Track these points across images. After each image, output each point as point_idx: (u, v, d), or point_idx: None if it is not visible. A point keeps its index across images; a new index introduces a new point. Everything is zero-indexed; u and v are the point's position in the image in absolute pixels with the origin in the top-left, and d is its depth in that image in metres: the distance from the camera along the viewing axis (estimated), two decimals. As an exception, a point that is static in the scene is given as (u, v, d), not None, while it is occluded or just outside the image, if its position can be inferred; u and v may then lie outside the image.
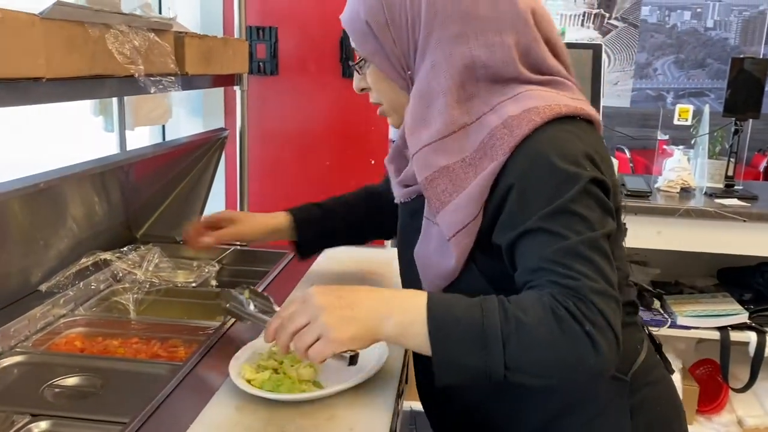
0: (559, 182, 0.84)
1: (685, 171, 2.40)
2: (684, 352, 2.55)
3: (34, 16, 0.84)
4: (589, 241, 0.82)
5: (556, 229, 0.83)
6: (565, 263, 0.82)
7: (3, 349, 1.19)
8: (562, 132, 0.87)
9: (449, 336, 0.82)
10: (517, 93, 0.90)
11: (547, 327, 0.79)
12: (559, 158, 0.84)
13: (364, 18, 0.95)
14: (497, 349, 0.79)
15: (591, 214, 0.84)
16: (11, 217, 1.22)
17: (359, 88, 1.07)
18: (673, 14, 3.88)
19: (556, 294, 0.81)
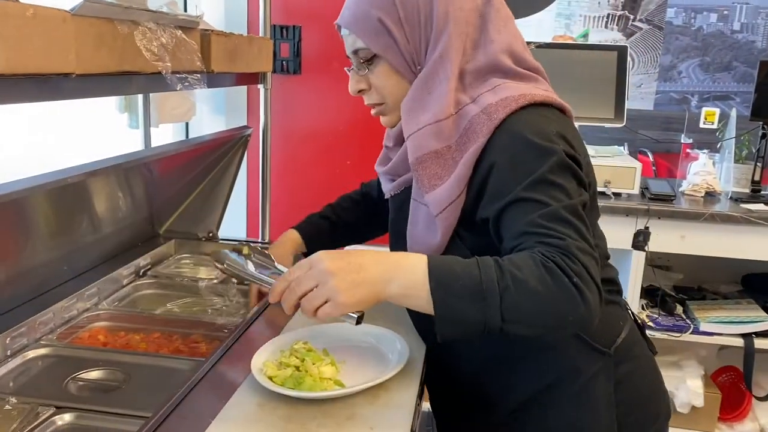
0: (536, 156, 0.93)
1: (711, 175, 2.37)
2: (706, 358, 2.52)
3: (65, 13, 0.85)
4: (569, 207, 0.91)
5: (538, 197, 0.91)
6: (549, 226, 0.90)
7: (28, 341, 1.20)
8: (535, 115, 0.97)
9: (449, 291, 0.88)
10: (496, 86, 1.00)
11: (539, 279, 0.86)
12: (535, 135, 0.94)
13: (376, 15, 1.00)
14: (494, 301, 0.85)
15: (568, 184, 0.93)
16: (38, 211, 1.24)
17: (356, 90, 1.10)
18: (699, 16, 3.83)
19: (544, 251, 0.88)
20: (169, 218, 1.80)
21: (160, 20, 1.07)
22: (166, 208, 1.76)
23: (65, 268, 1.40)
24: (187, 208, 1.80)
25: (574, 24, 3.72)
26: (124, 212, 1.56)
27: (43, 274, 1.33)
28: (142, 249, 1.66)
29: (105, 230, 1.51)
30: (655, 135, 3.39)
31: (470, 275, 0.88)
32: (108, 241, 1.55)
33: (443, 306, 0.88)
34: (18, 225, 1.20)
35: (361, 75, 1.08)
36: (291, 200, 2.32)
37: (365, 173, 2.41)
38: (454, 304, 0.87)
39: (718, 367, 2.56)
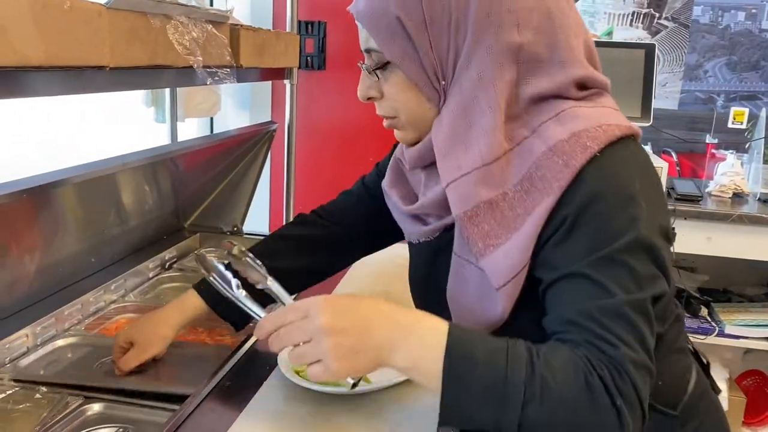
0: (615, 227, 0.74)
1: (738, 176, 2.33)
2: (731, 361, 2.49)
3: (100, 6, 0.85)
4: (636, 303, 0.73)
5: (601, 281, 0.73)
6: (605, 324, 0.72)
7: (57, 331, 1.21)
8: (618, 162, 0.76)
9: (463, 382, 0.71)
10: (560, 111, 0.78)
11: (575, 393, 0.70)
12: (617, 196, 0.75)
13: (395, 12, 0.79)
14: (515, 408, 0.70)
15: (644, 269, 0.74)
16: (66, 204, 1.25)
17: (366, 96, 0.89)
18: (726, 15, 3.78)
19: (592, 358, 0.72)
20: (195, 212, 1.81)
21: (192, 14, 1.07)
22: (191, 202, 1.78)
23: (92, 260, 1.41)
24: (212, 202, 1.81)
25: (599, 22, 3.69)
26: (150, 206, 1.57)
27: (71, 265, 1.34)
28: (168, 242, 1.67)
29: (131, 223, 1.52)
30: (680, 135, 3.35)
31: (493, 367, 0.71)
32: (134, 234, 1.56)
33: (452, 398, 0.71)
34: (46, 217, 1.21)
35: (372, 79, 0.87)
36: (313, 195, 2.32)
37: (388, 170, 2.41)
38: (465, 398, 0.71)
39: (743, 370, 2.52)
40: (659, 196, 0.81)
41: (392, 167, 1.00)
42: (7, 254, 1.13)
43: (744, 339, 2.27)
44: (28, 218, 1.15)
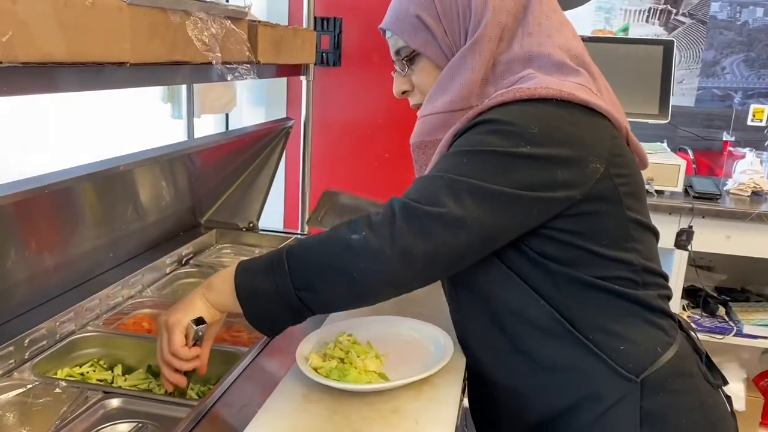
0: (480, 139, 0.88)
1: (758, 174, 2.30)
2: (749, 361, 2.46)
3: (121, 2, 0.85)
4: (450, 180, 0.86)
5: (439, 164, 0.90)
6: (415, 185, 0.90)
7: (76, 326, 1.22)
8: (529, 108, 0.89)
9: (248, 270, 0.91)
10: (522, 77, 0.95)
11: (321, 237, 0.86)
12: (494, 128, 0.88)
13: (414, 13, 1.01)
14: (282, 269, 0.86)
15: (474, 165, 0.87)
16: (84, 199, 1.26)
17: (401, 91, 1.09)
18: (744, 11, 3.74)
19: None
20: (211, 208, 1.81)
21: (211, 10, 1.07)
22: (207, 198, 1.78)
23: (111, 255, 1.42)
24: (228, 199, 1.82)
25: (614, 18, 3.66)
26: (167, 202, 1.58)
27: (90, 261, 1.35)
28: (184, 238, 1.68)
29: (148, 219, 1.53)
30: (697, 132, 3.32)
31: (270, 254, 0.88)
32: (151, 230, 1.57)
33: (240, 287, 0.90)
34: (65, 213, 1.22)
35: (404, 76, 1.07)
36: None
37: (403, 166, 2.41)
38: (249, 281, 0.89)
39: (760, 370, 2.50)
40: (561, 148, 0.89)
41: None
42: (27, 249, 1.14)
43: (762, 339, 2.24)
44: (47, 214, 1.16)
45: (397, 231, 0.84)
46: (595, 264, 0.93)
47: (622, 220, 0.94)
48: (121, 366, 1.19)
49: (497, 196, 0.86)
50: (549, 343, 0.94)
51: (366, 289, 0.87)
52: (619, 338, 0.94)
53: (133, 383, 1.14)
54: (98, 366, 1.18)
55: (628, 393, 0.92)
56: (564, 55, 0.97)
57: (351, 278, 0.85)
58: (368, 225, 0.86)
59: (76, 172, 1.17)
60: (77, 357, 1.19)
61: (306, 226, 1.89)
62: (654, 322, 0.97)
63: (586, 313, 0.93)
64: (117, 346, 1.21)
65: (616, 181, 0.92)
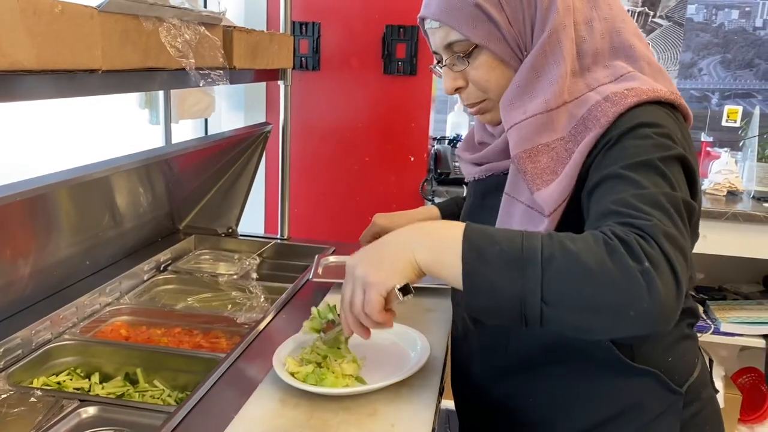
0: (651, 144, 0.80)
1: (733, 174, 2.34)
2: (726, 359, 2.49)
3: (92, 9, 0.85)
4: (671, 197, 0.76)
5: (637, 178, 0.77)
6: (639, 207, 0.74)
7: (52, 335, 1.21)
8: (662, 112, 0.85)
9: (483, 255, 0.74)
10: (620, 75, 0.89)
11: (595, 257, 0.70)
12: (658, 131, 0.82)
13: (473, 0, 0.89)
14: (535, 272, 0.71)
15: (676, 176, 0.79)
16: (60, 207, 1.25)
17: (453, 88, 0.98)
18: (720, 13, 3.78)
19: (616, 228, 0.72)
20: (189, 214, 1.81)
21: (184, 16, 1.07)
22: (186, 204, 1.77)
23: (87, 263, 1.41)
24: (207, 204, 1.81)
25: (594, 21, 3.70)
26: (144, 208, 1.57)
27: (66, 268, 1.34)
28: (163, 244, 1.67)
29: (126, 226, 1.52)
30: (675, 133, 3.36)
31: (511, 242, 0.74)
32: (129, 237, 1.56)
33: (472, 272, 0.74)
34: (41, 220, 1.21)
35: (457, 71, 0.95)
36: (308, 196, 2.33)
37: (384, 170, 2.42)
38: (485, 271, 0.73)
39: (738, 368, 2.53)
40: (693, 147, 0.86)
41: (468, 137, 1.11)
42: (1, 257, 1.13)
43: (739, 336, 2.27)
44: (22, 221, 1.15)
45: (676, 266, 0.70)
46: None
47: (694, 235, 0.90)
48: (99, 374, 1.18)
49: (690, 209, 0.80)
50: (599, 360, 0.91)
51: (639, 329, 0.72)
52: (668, 351, 0.93)
53: (110, 391, 1.14)
54: (75, 374, 1.17)
55: (672, 404, 0.92)
56: (643, 47, 0.92)
57: (626, 317, 0.70)
58: (645, 255, 0.70)
59: (52, 178, 1.16)
60: (53, 366, 1.18)
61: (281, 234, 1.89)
62: (691, 334, 0.98)
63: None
64: (94, 354, 1.20)
65: (699, 195, 0.89)
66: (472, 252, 0.75)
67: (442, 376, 1.11)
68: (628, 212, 0.75)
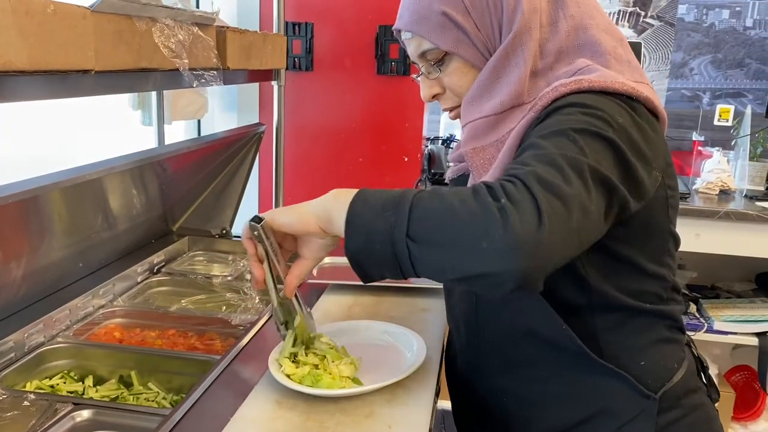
0: (572, 120, 0.78)
1: (725, 173, 2.35)
2: (720, 357, 2.50)
3: (85, 9, 0.85)
4: (571, 159, 0.73)
5: (544, 144, 0.76)
6: (528, 162, 0.74)
7: (45, 338, 1.20)
8: (606, 100, 0.82)
9: (366, 200, 0.79)
10: (580, 68, 0.87)
11: (460, 197, 0.72)
12: (587, 110, 0.79)
13: (439, 9, 0.91)
14: (404, 210, 0.74)
15: (590, 150, 0.75)
16: (53, 209, 1.24)
17: (431, 95, 1.00)
18: (711, 13, 3.80)
19: (492, 181, 0.74)
20: (183, 215, 1.80)
21: (178, 17, 1.07)
22: (179, 205, 1.77)
23: (80, 265, 1.40)
24: (200, 205, 1.80)
25: (585, 21, 3.71)
26: (138, 209, 1.56)
27: (59, 271, 1.33)
28: (156, 246, 1.66)
29: (119, 227, 1.51)
30: (667, 132, 3.38)
31: (395, 191, 0.78)
32: (122, 239, 1.55)
33: (353, 215, 0.78)
34: (33, 222, 1.20)
35: (432, 79, 0.98)
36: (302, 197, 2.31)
37: (378, 170, 2.42)
38: (365, 212, 0.78)
39: (731, 366, 2.54)
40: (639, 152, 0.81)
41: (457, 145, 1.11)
42: (-7, 260, 1.12)
43: (732, 335, 2.28)
44: (15, 224, 1.14)
45: (543, 206, 0.69)
46: (632, 277, 0.90)
47: (664, 234, 0.92)
48: (92, 377, 1.17)
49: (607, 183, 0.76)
50: (567, 353, 0.91)
51: (496, 266, 0.69)
52: (640, 354, 0.92)
53: (104, 394, 1.13)
54: (68, 377, 1.16)
55: (644, 409, 0.91)
56: (612, 41, 0.90)
57: (480, 249, 0.69)
58: (506, 193, 0.70)
59: (45, 180, 1.15)
60: (47, 369, 1.17)
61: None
62: (671, 338, 0.96)
63: (611, 331, 0.91)
64: (88, 356, 1.20)
65: (668, 193, 0.89)
66: (359, 201, 0.79)
67: (439, 377, 1.11)
68: (516, 167, 0.75)
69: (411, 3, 0.94)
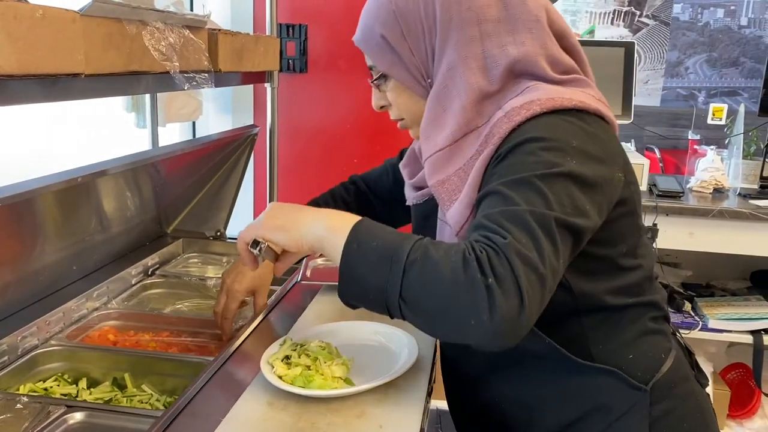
0: (535, 162, 0.81)
1: (719, 171, 2.35)
2: (715, 355, 2.51)
3: (74, 13, 0.85)
4: (539, 216, 0.77)
5: (510, 195, 0.80)
6: (502, 223, 0.77)
7: (39, 341, 1.21)
8: (559, 122, 0.85)
9: (361, 248, 0.81)
10: (525, 88, 0.90)
11: (450, 266, 0.75)
12: (545, 142, 0.83)
13: (379, 32, 0.95)
14: (398, 270, 0.77)
15: (554, 196, 0.79)
16: (46, 211, 1.24)
17: (378, 106, 1.05)
18: (705, 12, 3.81)
19: (476, 244, 0.77)
20: (177, 217, 1.80)
21: (168, 20, 1.07)
22: (173, 207, 1.77)
23: (74, 268, 1.40)
24: (194, 208, 1.80)
25: (580, 21, 3.71)
26: (132, 212, 1.57)
27: (52, 274, 1.33)
28: (150, 248, 1.67)
29: (113, 230, 1.51)
30: (662, 131, 3.38)
31: (389, 240, 0.81)
32: (116, 241, 1.55)
33: (348, 262, 0.82)
34: (27, 225, 1.20)
35: (380, 92, 1.03)
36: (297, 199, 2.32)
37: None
38: (359, 262, 0.81)
39: (726, 364, 2.54)
40: (605, 148, 0.87)
41: (409, 152, 1.14)
42: (-15, 264, 1.12)
43: (727, 333, 2.29)
44: (8, 227, 1.15)
45: (522, 285, 0.73)
46: (612, 274, 0.93)
47: (635, 228, 0.95)
48: (86, 379, 1.17)
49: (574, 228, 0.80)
50: (558, 364, 0.93)
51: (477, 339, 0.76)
52: (628, 348, 0.94)
53: (98, 396, 1.14)
54: (62, 380, 1.17)
55: (637, 402, 0.93)
56: (556, 65, 0.93)
57: (466, 325, 0.75)
58: (492, 269, 0.74)
59: (38, 183, 1.16)
60: (40, 372, 1.18)
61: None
62: (657, 328, 0.99)
63: (599, 329, 0.93)
64: (82, 359, 1.20)
65: (632, 189, 0.93)
66: (354, 242, 0.82)
67: (431, 377, 1.11)
68: (491, 227, 0.78)
69: (361, 20, 1.00)
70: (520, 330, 0.75)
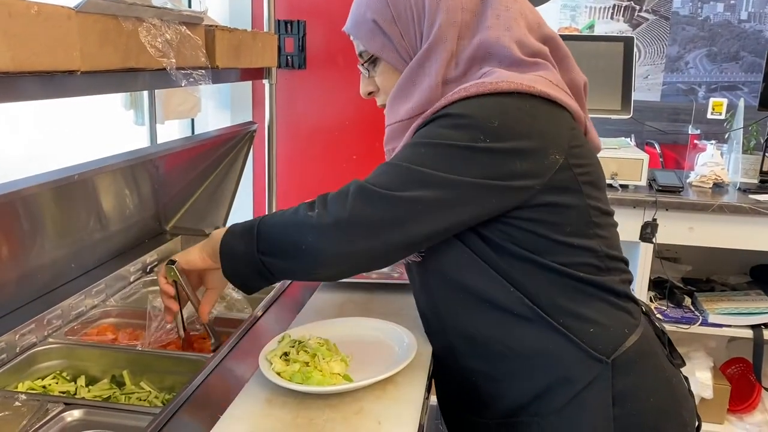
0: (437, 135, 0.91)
1: (718, 166, 2.35)
2: (715, 350, 2.51)
3: (69, 10, 0.84)
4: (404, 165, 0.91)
5: (394, 159, 0.94)
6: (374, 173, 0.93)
7: (37, 338, 1.21)
8: (491, 102, 0.92)
9: (233, 231, 0.99)
10: (483, 73, 0.96)
11: (292, 210, 0.94)
12: (457, 121, 0.91)
13: (371, 17, 1.02)
14: (253, 231, 0.95)
15: (433, 158, 0.90)
16: (45, 209, 1.24)
17: (366, 92, 1.11)
18: (705, 6, 3.80)
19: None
20: (176, 215, 1.80)
21: (165, 16, 1.07)
22: (172, 204, 1.77)
23: (73, 265, 1.40)
24: (193, 205, 1.80)
25: (580, 15, 3.70)
26: (130, 209, 1.56)
27: (51, 271, 1.33)
28: (149, 245, 1.66)
29: (112, 227, 1.51)
30: (662, 126, 3.37)
31: (255, 219, 0.97)
32: (115, 238, 1.55)
33: (223, 243, 0.98)
34: (25, 223, 1.20)
35: (369, 78, 1.09)
36: (296, 195, 2.32)
37: (371, 167, 2.41)
38: (229, 240, 0.98)
39: (727, 358, 2.55)
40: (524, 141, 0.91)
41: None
42: (-17, 262, 1.12)
43: (727, 327, 2.29)
44: (6, 224, 1.14)
45: (348, 208, 0.89)
46: (558, 251, 0.96)
47: (583, 209, 0.98)
48: (85, 377, 1.17)
49: (451, 185, 0.89)
50: (520, 328, 0.97)
51: (314, 261, 0.92)
52: (588, 321, 0.97)
53: (96, 394, 1.13)
54: (61, 378, 1.17)
55: (599, 374, 0.96)
56: (522, 47, 0.98)
57: (301, 250, 0.91)
58: (323, 202, 0.92)
59: (37, 180, 1.15)
60: (39, 369, 1.18)
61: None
62: (619, 305, 1.02)
63: (554, 298, 0.97)
64: (80, 357, 1.20)
65: (576, 171, 0.96)
66: (229, 232, 1.00)
67: (430, 373, 1.11)
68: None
69: (353, 9, 1.07)
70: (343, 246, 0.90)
